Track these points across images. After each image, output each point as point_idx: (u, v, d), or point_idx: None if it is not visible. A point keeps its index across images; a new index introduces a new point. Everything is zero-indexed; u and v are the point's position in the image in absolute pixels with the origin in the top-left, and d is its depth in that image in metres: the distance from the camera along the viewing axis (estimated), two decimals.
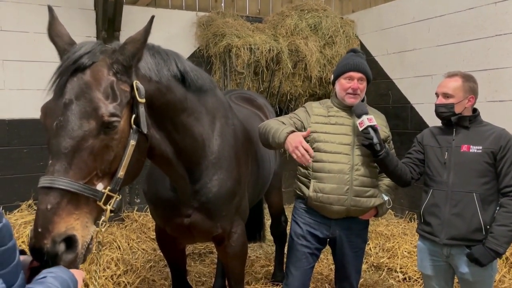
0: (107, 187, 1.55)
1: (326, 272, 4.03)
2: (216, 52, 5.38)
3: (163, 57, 1.93)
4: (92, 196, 1.49)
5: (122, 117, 1.59)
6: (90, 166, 1.50)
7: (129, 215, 5.15)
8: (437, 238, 2.45)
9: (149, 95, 1.75)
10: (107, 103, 1.54)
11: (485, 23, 4.49)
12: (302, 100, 5.85)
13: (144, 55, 1.76)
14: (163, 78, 1.88)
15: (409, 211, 5.46)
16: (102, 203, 1.53)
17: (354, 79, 2.53)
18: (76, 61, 1.56)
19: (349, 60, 2.60)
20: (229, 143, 2.39)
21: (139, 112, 1.65)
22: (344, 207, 2.50)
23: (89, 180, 1.50)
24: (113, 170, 1.58)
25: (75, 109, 1.50)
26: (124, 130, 1.60)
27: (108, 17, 4.74)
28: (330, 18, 5.94)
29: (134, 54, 1.64)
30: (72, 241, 1.42)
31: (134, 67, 1.68)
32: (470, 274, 2.39)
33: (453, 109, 2.44)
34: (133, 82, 1.65)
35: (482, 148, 2.37)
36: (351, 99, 2.54)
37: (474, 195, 2.36)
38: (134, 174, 1.73)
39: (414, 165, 2.60)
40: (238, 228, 2.53)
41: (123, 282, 3.70)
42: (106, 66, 1.60)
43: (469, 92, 2.44)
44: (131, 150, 1.61)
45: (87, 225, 1.49)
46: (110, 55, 1.63)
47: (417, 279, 3.88)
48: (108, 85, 1.57)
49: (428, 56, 5.12)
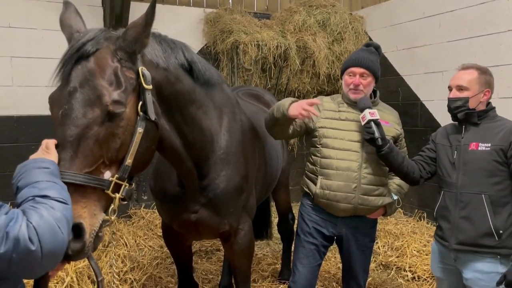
0: (114, 175, 1.54)
1: (334, 271, 3.99)
2: (223, 49, 5.35)
3: (170, 45, 1.91)
4: (98, 186, 1.48)
5: (128, 104, 1.56)
6: (96, 154, 1.49)
7: (136, 212, 5.15)
8: (446, 243, 2.33)
9: (157, 82, 1.74)
10: (111, 90, 1.52)
11: (497, 18, 4.41)
12: (310, 97, 5.80)
13: (150, 42, 1.73)
14: (171, 65, 1.86)
15: (419, 209, 5.39)
16: (111, 191, 1.52)
17: (356, 74, 2.49)
18: (79, 49, 1.55)
19: (353, 55, 2.57)
20: (237, 139, 2.36)
21: (146, 99, 1.63)
22: (351, 205, 2.45)
23: (95, 168, 1.49)
24: (120, 158, 1.56)
25: (79, 97, 1.48)
26: (131, 117, 1.58)
27: (116, 14, 4.73)
28: (338, 14, 5.88)
29: (136, 39, 1.61)
30: (80, 229, 1.41)
31: (138, 53, 1.65)
32: (473, 281, 2.25)
33: (467, 103, 2.28)
34: (139, 68, 1.63)
35: (491, 145, 2.20)
36: (354, 95, 2.50)
37: (483, 197, 2.19)
38: (144, 162, 1.71)
39: (424, 163, 2.50)
40: (245, 225, 2.50)
41: (130, 279, 3.70)
42: (110, 53, 1.58)
43: (485, 85, 2.29)
44: (139, 137, 1.59)
45: (95, 213, 1.48)
46: (114, 42, 1.61)
47: (426, 278, 3.82)
48: (112, 72, 1.55)
49: (439, 52, 5.05)
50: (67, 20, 1.74)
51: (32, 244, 1.14)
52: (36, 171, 1.33)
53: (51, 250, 1.20)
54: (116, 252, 4.05)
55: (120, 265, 3.89)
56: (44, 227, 1.18)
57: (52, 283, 3.34)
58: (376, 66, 2.53)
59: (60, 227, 1.22)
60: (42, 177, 1.32)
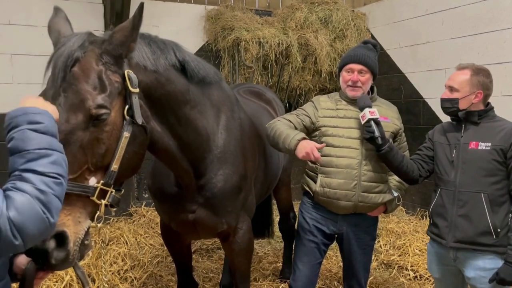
0: (100, 181, 1.51)
1: (335, 270, 3.97)
2: (224, 46, 5.32)
3: (159, 46, 1.86)
4: (82, 193, 1.45)
5: (113, 108, 1.53)
6: (80, 160, 1.46)
7: (137, 210, 5.14)
8: (443, 241, 2.33)
9: (145, 85, 1.70)
10: (95, 94, 1.49)
11: (500, 15, 4.37)
12: (312, 95, 5.76)
13: (138, 44, 1.70)
14: (160, 67, 1.82)
15: (421, 208, 5.36)
16: (96, 198, 1.49)
17: (354, 71, 2.47)
18: (63, 54, 1.52)
19: (351, 51, 2.55)
20: (235, 137, 2.34)
21: (132, 103, 1.59)
22: (351, 203, 2.44)
23: (80, 175, 1.46)
24: (106, 164, 1.53)
25: (62, 101, 1.45)
26: (116, 122, 1.55)
27: (116, 11, 4.71)
28: (341, 11, 5.85)
29: (122, 42, 1.59)
30: (63, 237, 1.38)
31: (125, 57, 1.62)
32: (476, 279, 2.26)
33: (457, 105, 2.29)
34: (125, 71, 1.60)
35: (491, 145, 2.21)
36: (352, 92, 2.48)
37: (482, 196, 2.20)
38: (131, 167, 1.67)
39: (423, 162, 2.49)
40: (244, 224, 2.48)
41: (130, 277, 3.69)
42: (94, 57, 1.55)
43: (477, 87, 2.27)
44: (125, 142, 1.56)
45: (79, 220, 1.44)
46: (99, 45, 1.58)
47: (428, 278, 3.80)
48: (96, 76, 1.52)
49: (442, 49, 5.01)
50: (55, 25, 1.72)
51: (15, 239, 1.06)
52: (27, 132, 1.17)
53: (36, 238, 1.12)
54: (116, 250, 4.04)
55: (121, 263, 3.88)
56: (24, 218, 1.07)
57: (51, 281, 3.33)
58: (374, 62, 2.51)
59: (46, 212, 1.11)
60: (32, 143, 1.16)
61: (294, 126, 2.48)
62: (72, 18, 1.78)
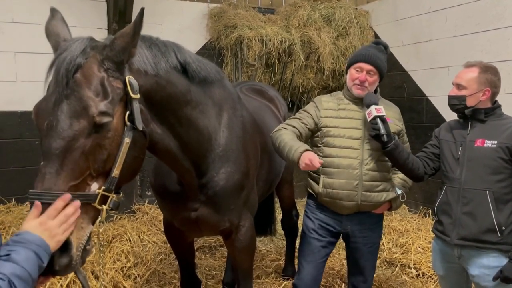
0: (101, 187, 1.51)
1: (337, 267, 3.97)
2: (227, 44, 5.33)
3: (160, 48, 1.85)
4: (84, 201, 1.45)
5: (115, 115, 1.53)
6: (82, 166, 1.46)
7: (140, 208, 5.15)
8: (447, 238, 2.33)
9: (146, 89, 1.70)
10: (98, 101, 1.48)
11: (504, 12, 4.35)
12: (315, 93, 5.77)
13: (139, 48, 1.69)
14: (161, 70, 1.81)
15: (424, 206, 5.36)
16: (97, 204, 1.49)
17: (363, 70, 2.46)
18: (66, 60, 1.50)
19: (363, 50, 2.54)
20: (237, 135, 2.34)
21: (133, 109, 1.58)
22: (354, 203, 2.45)
23: (82, 181, 1.46)
24: (107, 169, 1.53)
25: (65, 108, 1.45)
26: (118, 128, 1.55)
27: (119, 9, 4.71)
28: (344, 8, 5.84)
29: (124, 48, 1.57)
30: (66, 243, 1.38)
31: (126, 63, 1.61)
32: (480, 277, 2.26)
33: (464, 102, 2.29)
34: (126, 77, 1.59)
35: (497, 142, 2.21)
36: (358, 91, 2.48)
37: (487, 193, 2.20)
38: (131, 172, 1.67)
39: (428, 160, 2.49)
40: (246, 221, 2.48)
41: (133, 275, 3.70)
42: (96, 63, 1.54)
43: (485, 84, 2.27)
44: (126, 148, 1.55)
45: (82, 226, 1.45)
46: (101, 51, 1.57)
47: (431, 276, 3.80)
48: (98, 83, 1.51)
49: (445, 47, 4.99)
50: (54, 28, 1.71)
51: None
52: (31, 260, 1.21)
53: None
54: (119, 248, 4.06)
55: (124, 261, 3.89)
56: None
57: (52, 280, 3.33)
58: (384, 65, 2.51)
59: None
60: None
61: (299, 131, 2.49)
62: (75, 16, 1.77)
